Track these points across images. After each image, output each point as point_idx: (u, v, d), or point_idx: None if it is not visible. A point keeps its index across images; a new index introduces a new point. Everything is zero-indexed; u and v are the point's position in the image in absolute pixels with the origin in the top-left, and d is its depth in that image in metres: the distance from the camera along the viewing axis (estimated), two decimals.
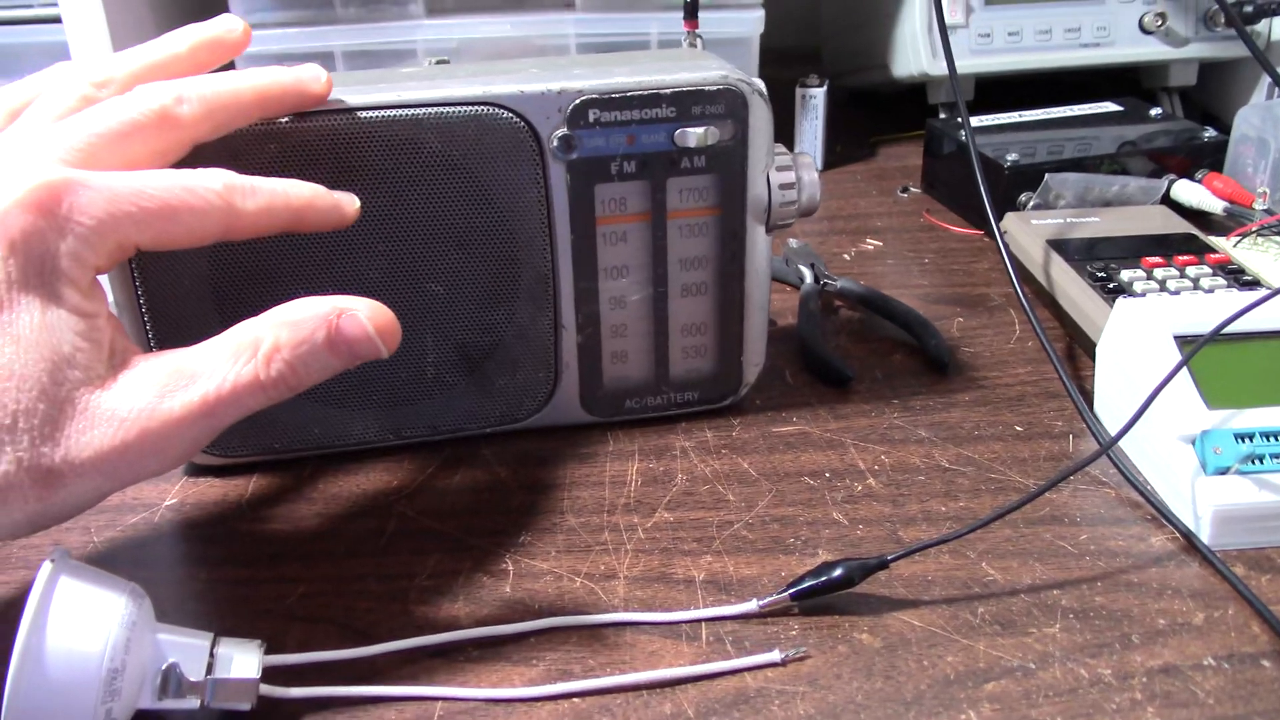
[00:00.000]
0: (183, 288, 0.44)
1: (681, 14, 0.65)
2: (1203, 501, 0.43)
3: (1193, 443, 0.44)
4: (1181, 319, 0.47)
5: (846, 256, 0.70)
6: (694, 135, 0.46)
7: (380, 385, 0.48)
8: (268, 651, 0.36)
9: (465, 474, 0.49)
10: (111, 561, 0.43)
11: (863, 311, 0.62)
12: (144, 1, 0.79)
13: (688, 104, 0.46)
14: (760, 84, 0.47)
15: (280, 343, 0.35)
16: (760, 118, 0.47)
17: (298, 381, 0.36)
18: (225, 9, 0.75)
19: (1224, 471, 0.43)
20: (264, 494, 0.48)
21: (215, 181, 0.36)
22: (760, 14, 0.77)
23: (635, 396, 0.51)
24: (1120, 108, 0.80)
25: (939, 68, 0.82)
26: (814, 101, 0.81)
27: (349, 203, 0.40)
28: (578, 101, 0.45)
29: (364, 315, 0.37)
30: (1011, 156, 0.71)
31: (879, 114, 0.98)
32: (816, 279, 0.63)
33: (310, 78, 0.42)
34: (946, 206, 0.78)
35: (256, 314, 0.37)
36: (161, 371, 0.34)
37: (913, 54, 0.83)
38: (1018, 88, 0.86)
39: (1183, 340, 0.47)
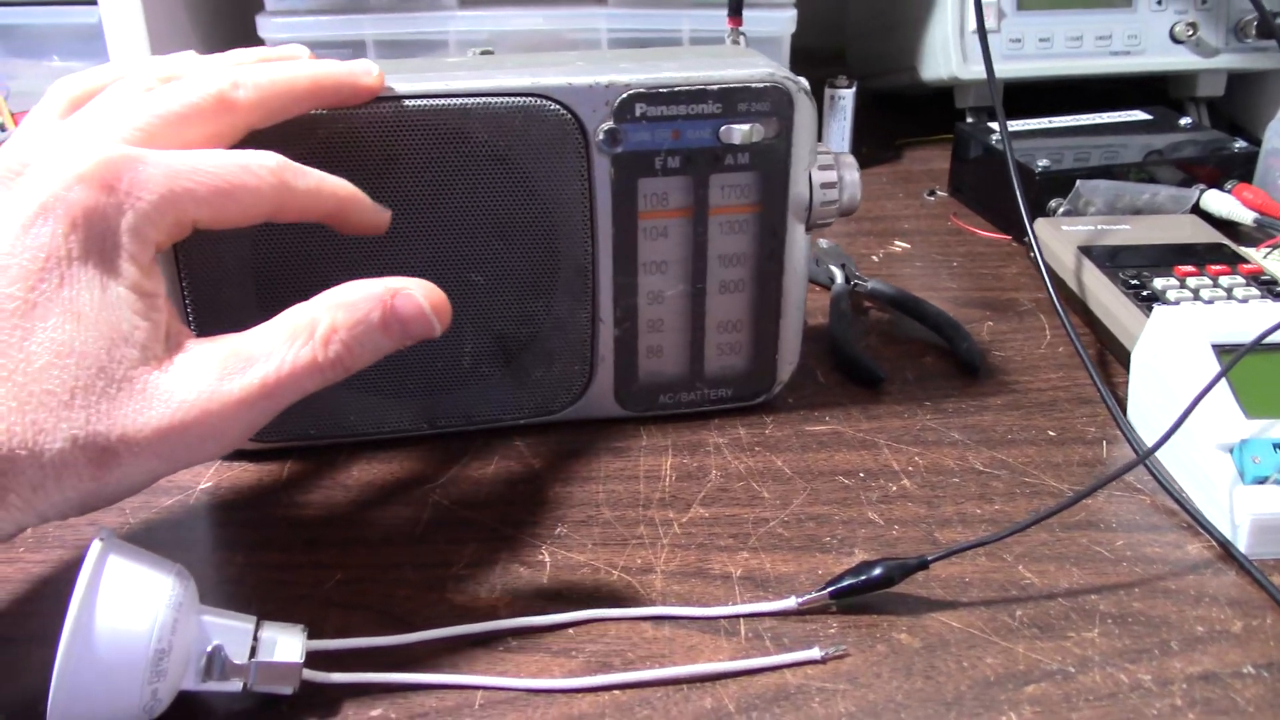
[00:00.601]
0: (225, 272, 0.44)
1: (712, 10, 0.65)
2: (1240, 510, 0.43)
3: (1231, 452, 0.44)
4: (1219, 328, 0.47)
5: (875, 258, 0.70)
6: (739, 132, 0.46)
7: (417, 374, 0.48)
8: (307, 637, 0.36)
9: (500, 464, 0.49)
10: (147, 543, 0.42)
11: (893, 313, 0.62)
12: None
13: (734, 101, 0.46)
14: (805, 82, 0.47)
15: (337, 324, 0.35)
16: (805, 116, 0.47)
17: (354, 362, 0.36)
18: None
19: (1262, 481, 0.43)
20: (299, 480, 0.48)
21: (269, 159, 0.37)
22: (792, 13, 0.77)
23: (669, 392, 0.51)
24: (1149, 116, 0.80)
25: (969, 72, 0.82)
26: (843, 103, 0.81)
27: (383, 213, 0.41)
28: (625, 95, 0.45)
29: (419, 294, 0.37)
30: (1042, 162, 0.71)
31: (903, 116, 0.98)
32: (847, 279, 0.63)
33: (362, 70, 0.42)
34: (974, 210, 0.78)
35: (296, 300, 0.37)
36: (219, 354, 0.35)
37: (943, 58, 0.83)
38: (1046, 94, 0.86)
39: (1221, 349, 0.47)
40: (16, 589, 0.41)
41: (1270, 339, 0.46)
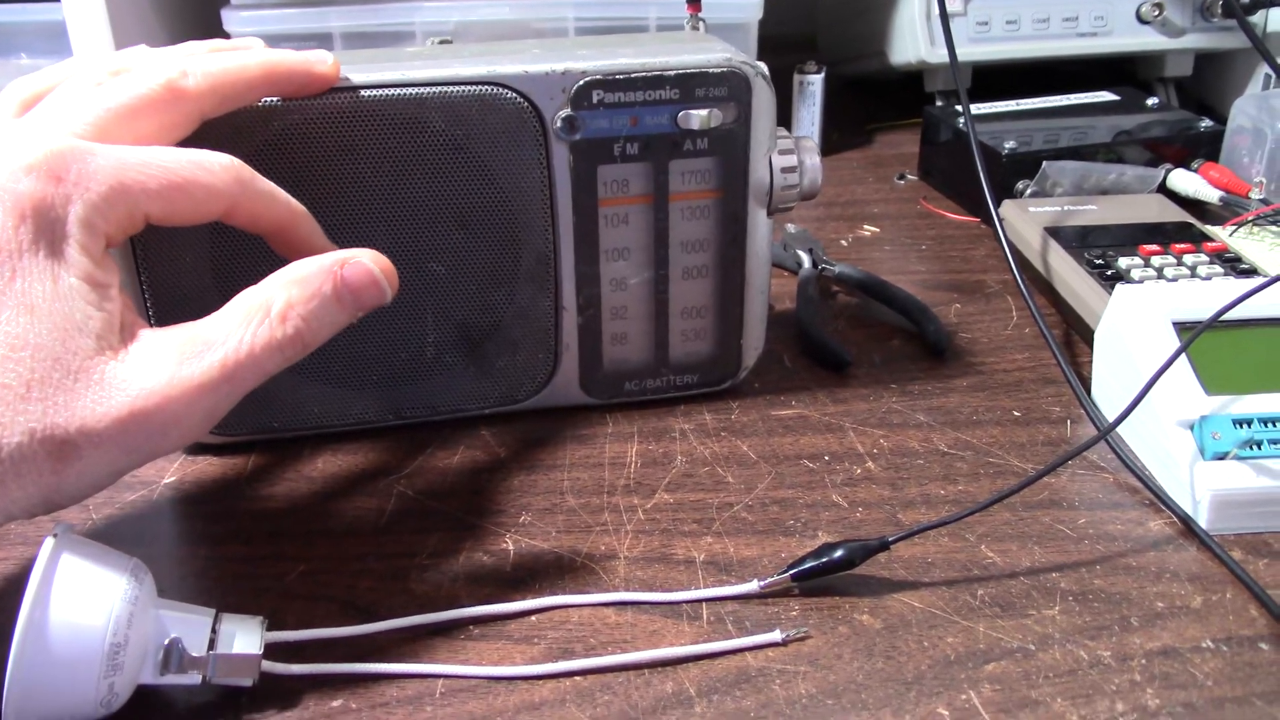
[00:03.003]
0: (183, 264, 0.44)
1: None
2: (1201, 486, 0.43)
3: (1191, 428, 0.44)
4: (1180, 305, 0.48)
5: (844, 242, 0.70)
6: (697, 117, 0.46)
7: (380, 365, 0.48)
8: (269, 628, 0.36)
9: (465, 454, 0.49)
10: (111, 538, 0.42)
11: (860, 297, 0.63)
12: None
13: (691, 86, 0.46)
14: (763, 67, 0.47)
15: (292, 300, 0.36)
16: (763, 101, 0.47)
17: (312, 337, 0.36)
18: None
19: (1222, 457, 0.43)
20: (263, 473, 0.48)
21: (224, 158, 0.37)
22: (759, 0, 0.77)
23: (634, 379, 0.51)
24: (1117, 97, 0.80)
25: (937, 55, 0.82)
26: (812, 88, 0.81)
27: (331, 244, 0.41)
28: (582, 82, 0.45)
29: (368, 260, 0.37)
30: (1009, 144, 0.71)
31: (875, 101, 0.98)
32: (815, 264, 0.64)
33: (317, 59, 0.42)
34: (943, 194, 0.78)
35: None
36: (176, 341, 0.34)
37: (911, 42, 0.83)
38: (1014, 76, 0.86)
39: (1181, 326, 0.47)
40: None
41: (1230, 315, 0.46)
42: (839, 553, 0.40)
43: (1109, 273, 0.57)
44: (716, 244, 0.49)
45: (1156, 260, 0.58)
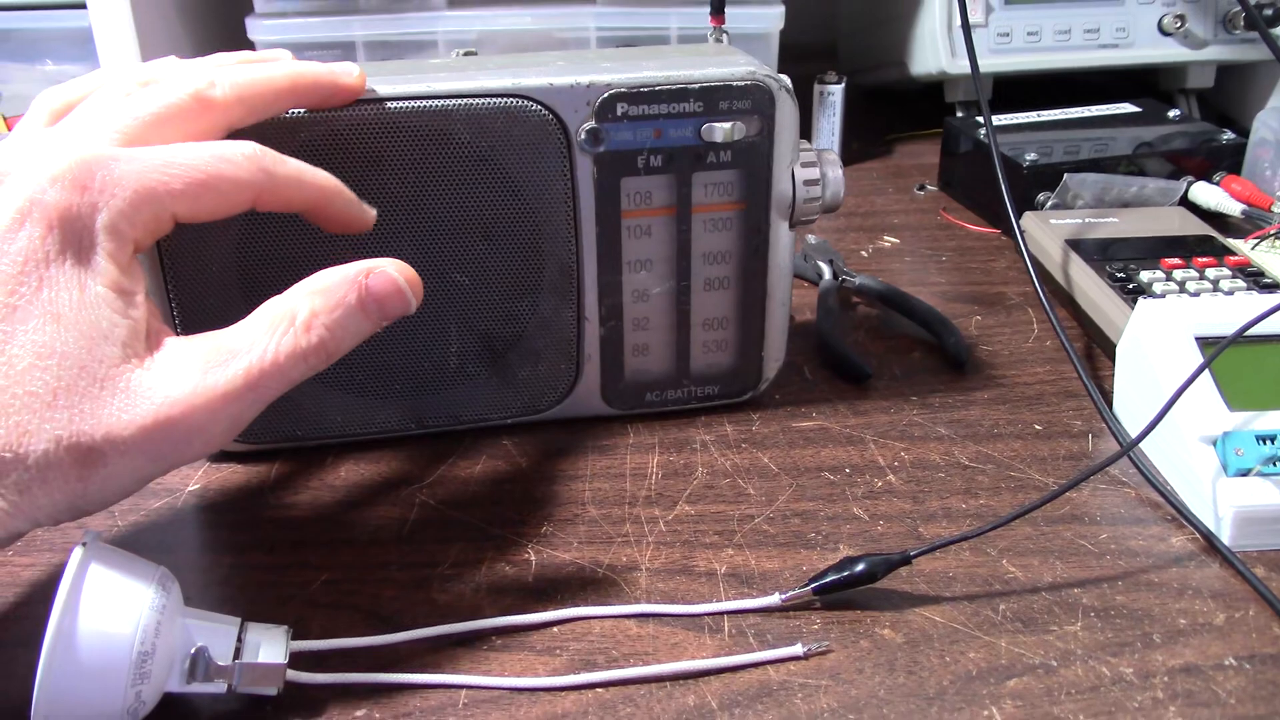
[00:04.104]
0: (209, 274, 0.44)
1: (700, 8, 0.65)
2: (1224, 503, 0.43)
3: (1214, 444, 0.44)
4: (1203, 320, 0.48)
5: (864, 253, 0.70)
6: (721, 130, 0.46)
7: (403, 374, 0.48)
8: (293, 637, 0.36)
9: (487, 464, 0.49)
10: (136, 545, 0.43)
11: (881, 308, 0.63)
12: None
13: (715, 99, 0.46)
14: (786, 80, 0.47)
15: (316, 309, 0.36)
16: (786, 114, 0.47)
17: (336, 347, 0.36)
18: None
19: (1245, 473, 0.43)
20: (286, 481, 0.48)
21: (246, 147, 0.37)
22: (780, 10, 0.77)
23: (656, 389, 0.51)
24: (1138, 109, 0.80)
25: (958, 66, 0.82)
26: (832, 98, 0.81)
27: (368, 209, 0.41)
28: (606, 95, 0.45)
29: (392, 270, 0.37)
30: (1030, 156, 0.71)
31: (894, 111, 0.98)
32: (835, 275, 0.64)
33: (343, 71, 0.42)
34: (963, 205, 0.78)
35: None
36: (201, 350, 0.35)
37: (932, 52, 0.83)
38: (1035, 88, 0.86)
39: (1204, 342, 0.47)
40: (5, 593, 0.41)
41: (1253, 331, 0.46)
42: (860, 566, 0.40)
43: (1130, 286, 0.57)
44: (738, 256, 0.49)
45: (1178, 274, 0.58)
